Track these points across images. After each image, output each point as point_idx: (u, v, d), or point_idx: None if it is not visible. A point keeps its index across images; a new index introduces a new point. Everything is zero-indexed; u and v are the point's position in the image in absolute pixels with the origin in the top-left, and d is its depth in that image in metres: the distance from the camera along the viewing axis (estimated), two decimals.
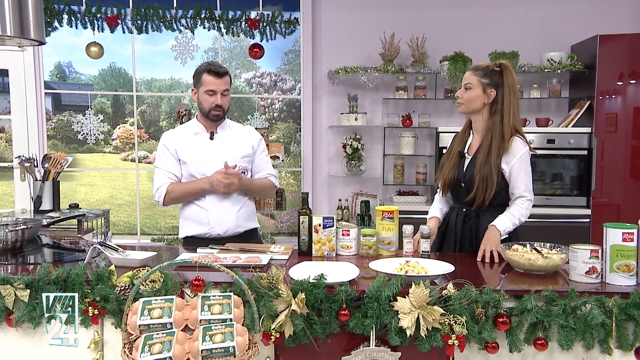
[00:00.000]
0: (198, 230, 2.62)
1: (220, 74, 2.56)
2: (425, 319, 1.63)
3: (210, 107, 2.58)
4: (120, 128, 10.47)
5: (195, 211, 2.63)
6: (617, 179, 4.15)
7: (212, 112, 2.59)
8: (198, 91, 2.60)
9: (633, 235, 1.80)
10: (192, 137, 2.65)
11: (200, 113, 2.66)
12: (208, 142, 2.64)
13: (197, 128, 2.67)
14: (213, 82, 2.55)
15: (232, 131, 2.72)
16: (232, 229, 2.63)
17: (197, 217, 2.62)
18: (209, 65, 2.58)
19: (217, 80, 2.55)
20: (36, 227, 2.52)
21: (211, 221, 2.60)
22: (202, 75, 2.56)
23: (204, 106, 2.59)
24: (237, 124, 2.80)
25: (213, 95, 2.56)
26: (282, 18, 4.47)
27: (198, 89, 2.60)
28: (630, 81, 4.11)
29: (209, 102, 2.57)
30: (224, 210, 2.61)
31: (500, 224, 2.29)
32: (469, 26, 4.62)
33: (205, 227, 2.61)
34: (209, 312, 1.60)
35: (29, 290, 1.79)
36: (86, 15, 4.33)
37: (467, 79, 2.42)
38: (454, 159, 2.50)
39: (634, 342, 1.68)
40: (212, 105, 2.57)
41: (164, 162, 2.62)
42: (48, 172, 3.58)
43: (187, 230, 2.66)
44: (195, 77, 2.62)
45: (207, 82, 2.55)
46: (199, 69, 2.61)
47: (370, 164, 4.76)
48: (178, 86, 8.55)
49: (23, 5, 2.53)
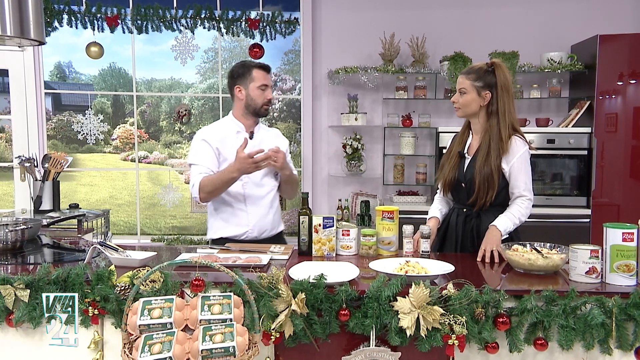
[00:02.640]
0: (234, 232, 2.60)
1: (268, 69, 2.63)
2: (425, 319, 1.63)
3: (263, 102, 2.60)
4: (120, 128, 10.47)
5: (233, 213, 2.61)
6: (617, 179, 4.15)
7: (264, 106, 2.61)
8: (247, 87, 2.60)
9: (633, 235, 1.80)
10: (233, 136, 2.62)
11: (242, 111, 2.64)
12: (249, 141, 2.61)
13: (237, 127, 2.65)
14: (265, 77, 2.60)
15: (265, 132, 2.75)
16: (269, 230, 2.65)
17: (234, 219, 2.60)
18: (254, 62, 2.64)
19: (267, 75, 2.61)
20: (36, 227, 2.52)
21: (250, 223, 2.59)
22: (252, 71, 2.59)
23: (257, 102, 2.60)
24: (265, 126, 2.82)
25: (266, 90, 2.60)
26: (282, 18, 4.47)
27: (247, 84, 2.59)
28: (630, 81, 4.11)
29: (262, 97, 2.59)
30: (262, 212, 2.62)
31: (501, 224, 2.29)
32: (469, 26, 4.62)
33: (243, 228, 2.60)
34: (209, 312, 1.60)
35: (29, 290, 1.79)
36: (86, 15, 4.33)
37: (460, 84, 2.42)
38: (454, 159, 2.50)
39: (634, 342, 1.68)
40: (265, 99, 2.60)
41: (203, 158, 2.56)
42: (48, 172, 3.58)
43: (220, 231, 2.62)
44: (239, 74, 2.62)
45: (259, 77, 2.59)
46: (244, 66, 2.62)
47: (370, 164, 4.76)
48: (178, 86, 8.55)
49: (23, 5, 2.52)
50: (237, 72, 2.63)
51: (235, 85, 2.63)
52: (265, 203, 2.63)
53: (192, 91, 10.38)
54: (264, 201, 2.63)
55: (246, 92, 2.60)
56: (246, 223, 2.60)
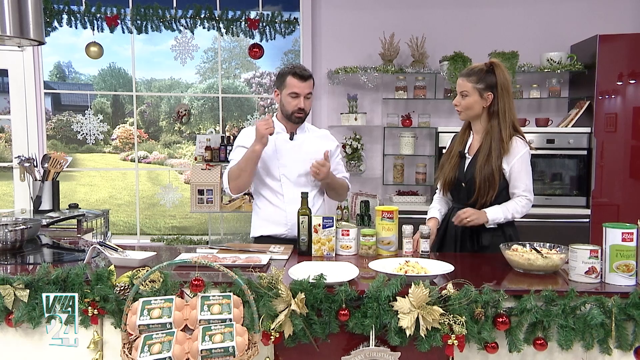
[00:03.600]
0: (274, 231, 2.60)
1: (305, 77, 2.56)
2: (424, 318, 1.63)
3: (293, 110, 2.57)
4: (120, 128, 10.47)
5: (272, 212, 2.61)
6: (616, 179, 4.15)
7: (295, 114, 2.58)
8: (281, 93, 2.60)
9: (632, 235, 1.80)
10: (273, 136, 2.60)
11: (281, 114, 2.65)
12: (288, 142, 2.63)
13: (277, 127, 2.64)
14: (297, 85, 2.55)
15: (310, 134, 2.72)
16: None
17: (273, 217, 2.61)
18: (294, 68, 2.58)
19: (301, 84, 2.55)
20: (36, 227, 2.52)
21: (289, 222, 2.58)
22: (287, 77, 2.56)
23: (287, 108, 2.58)
24: (314, 128, 2.81)
25: (296, 98, 2.56)
26: (281, 18, 4.47)
27: (281, 90, 2.59)
28: (630, 81, 4.11)
29: (292, 105, 2.57)
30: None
31: (491, 214, 2.32)
32: (468, 26, 4.62)
33: (282, 227, 2.59)
34: (209, 312, 1.60)
35: (29, 290, 1.79)
36: (86, 15, 4.33)
37: (461, 86, 2.41)
38: (454, 159, 2.50)
39: (634, 342, 1.68)
40: (295, 107, 2.56)
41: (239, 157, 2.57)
42: (47, 172, 3.58)
43: (261, 229, 2.64)
44: (278, 78, 2.62)
45: (292, 84, 2.55)
46: (283, 70, 2.60)
47: (370, 164, 4.76)
48: (178, 86, 8.56)
49: (22, 5, 2.52)
50: (279, 75, 2.63)
51: (275, 90, 2.65)
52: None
53: (192, 91, 10.39)
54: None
55: (281, 97, 2.61)
56: (285, 222, 2.59)
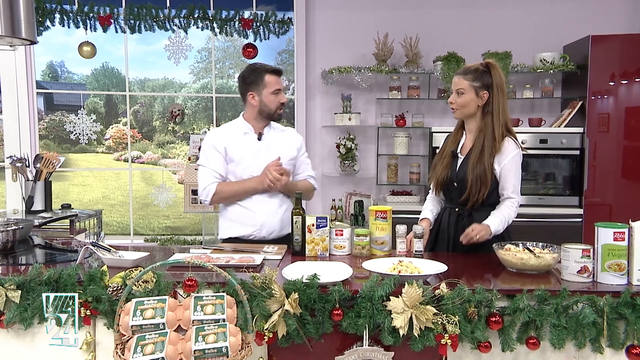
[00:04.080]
0: (242, 232, 2.60)
1: (280, 73, 2.61)
2: (418, 318, 1.63)
3: (276, 107, 2.60)
4: (113, 128, 10.43)
5: (240, 212, 2.61)
6: (609, 179, 4.17)
7: (278, 110, 2.61)
8: (260, 93, 2.59)
9: (624, 234, 1.82)
10: (241, 137, 2.63)
11: (255, 114, 2.63)
12: (256, 142, 2.63)
13: (245, 128, 2.65)
14: (277, 81, 2.60)
15: (277, 132, 2.72)
16: (277, 231, 2.63)
17: (242, 219, 2.60)
18: (266, 66, 2.61)
19: (279, 79, 2.61)
20: (28, 227, 2.51)
21: (257, 223, 2.58)
22: (264, 76, 2.57)
23: (270, 107, 2.59)
24: (280, 126, 2.79)
25: (279, 94, 2.59)
26: (275, 18, 4.47)
27: (260, 90, 2.59)
28: (622, 81, 4.14)
29: (276, 102, 2.59)
30: (269, 212, 2.60)
31: (493, 226, 2.32)
32: (462, 26, 4.63)
33: (250, 228, 2.59)
34: (202, 313, 1.60)
35: (20, 291, 1.77)
36: (78, 15, 4.31)
37: (458, 84, 2.42)
38: (446, 159, 2.51)
39: (625, 341, 1.70)
40: (279, 104, 2.60)
41: (211, 160, 2.60)
42: (40, 172, 3.56)
43: (229, 231, 2.63)
44: (252, 81, 2.60)
45: (272, 82, 2.58)
46: (253, 72, 2.60)
47: (364, 164, 4.77)
48: (171, 86, 8.53)
49: (14, 4, 2.50)
50: (249, 79, 2.61)
51: (249, 92, 2.61)
52: (273, 203, 2.62)
53: (186, 91, 10.36)
54: (272, 201, 2.61)
55: (260, 98, 2.59)
56: (253, 223, 2.59)
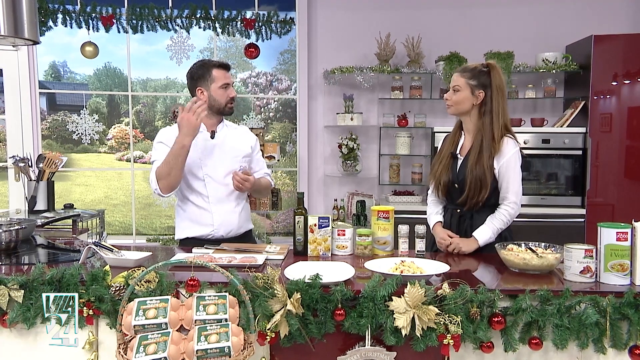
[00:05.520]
0: (199, 232, 2.58)
1: (228, 67, 2.58)
2: (420, 318, 1.63)
3: (226, 101, 2.57)
4: (116, 128, 10.43)
5: (196, 212, 2.59)
6: (611, 179, 4.17)
7: (228, 105, 2.58)
8: (209, 88, 2.55)
9: (627, 234, 1.81)
10: None
11: (207, 111, 2.56)
12: (209, 140, 2.61)
13: None
14: (225, 76, 2.56)
15: (230, 130, 2.70)
16: (235, 230, 2.62)
17: (198, 218, 2.59)
18: (212, 61, 2.58)
19: (227, 74, 2.57)
20: (30, 227, 2.51)
21: (215, 222, 2.57)
22: (212, 71, 2.54)
23: (220, 101, 2.56)
24: (233, 124, 2.77)
25: (227, 88, 2.56)
26: (277, 18, 4.47)
27: (209, 85, 2.55)
28: (625, 81, 4.13)
29: (225, 97, 2.56)
30: (227, 211, 2.59)
31: (481, 236, 2.34)
32: (464, 26, 4.63)
33: (208, 228, 2.58)
34: (204, 312, 1.60)
35: (23, 291, 1.78)
36: (81, 15, 4.32)
37: (455, 81, 2.43)
38: (446, 160, 2.50)
39: (628, 341, 1.69)
40: (228, 98, 2.57)
41: (161, 157, 2.53)
42: (42, 172, 3.57)
43: (186, 231, 2.62)
44: (199, 76, 2.55)
45: (220, 76, 2.54)
46: (202, 66, 2.56)
47: (366, 164, 4.77)
48: (173, 86, 8.53)
49: (17, 5, 2.51)
50: (196, 74, 2.57)
51: (197, 87, 2.57)
52: (230, 202, 2.60)
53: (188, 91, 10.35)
54: (228, 200, 2.60)
55: (208, 93, 2.55)
56: (210, 222, 2.57)
